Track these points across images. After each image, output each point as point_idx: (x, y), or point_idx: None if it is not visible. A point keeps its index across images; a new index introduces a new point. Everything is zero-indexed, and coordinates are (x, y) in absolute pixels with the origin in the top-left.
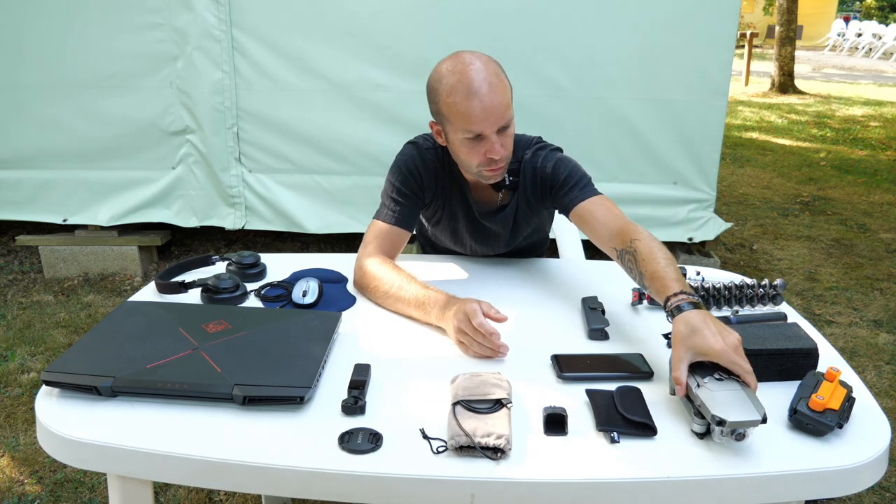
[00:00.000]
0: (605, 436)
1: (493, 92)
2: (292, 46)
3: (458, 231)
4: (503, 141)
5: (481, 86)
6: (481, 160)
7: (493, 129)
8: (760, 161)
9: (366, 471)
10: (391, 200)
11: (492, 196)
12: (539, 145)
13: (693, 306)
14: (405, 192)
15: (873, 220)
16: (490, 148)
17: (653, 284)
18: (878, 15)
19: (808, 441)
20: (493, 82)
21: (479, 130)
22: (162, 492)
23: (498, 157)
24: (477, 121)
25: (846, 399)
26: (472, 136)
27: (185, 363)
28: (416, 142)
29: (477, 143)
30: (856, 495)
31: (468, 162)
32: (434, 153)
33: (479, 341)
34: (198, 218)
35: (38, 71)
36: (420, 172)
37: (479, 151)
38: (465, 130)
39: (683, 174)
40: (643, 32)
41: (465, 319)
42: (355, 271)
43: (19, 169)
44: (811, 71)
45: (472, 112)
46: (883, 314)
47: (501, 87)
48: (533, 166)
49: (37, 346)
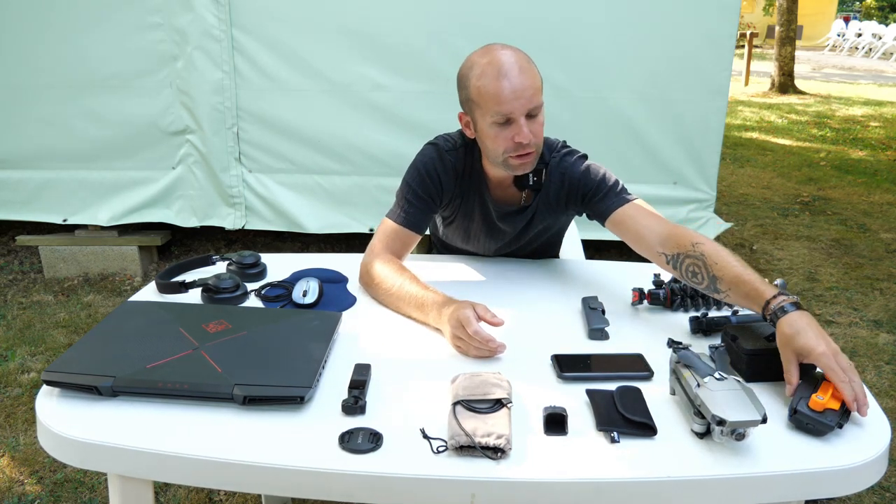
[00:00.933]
0: (605, 436)
1: (524, 74)
2: (292, 46)
3: (469, 230)
4: (532, 127)
5: (511, 68)
6: (508, 145)
7: (521, 111)
8: (760, 161)
9: (366, 471)
10: (405, 201)
11: (514, 196)
12: (567, 150)
13: (796, 307)
14: (420, 195)
15: (873, 220)
16: (518, 132)
17: (738, 289)
18: (878, 15)
19: (808, 441)
20: (524, 66)
21: (507, 111)
22: (162, 492)
23: (526, 141)
24: (506, 101)
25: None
26: (501, 119)
27: (186, 363)
28: (436, 143)
29: (505, 128)
30: (856, 495)
31: (495, 149)
32: (455, 154)
33: (475, 346)
34: (198, 218)
35: (38, 71)
36: (439, 175)
37: (507, 136)
38: (495, 113)
39: (683, 174)
40: (643, 32)
41: (459, 326)
42: (361, 268)
43: (19, 169)
44: (811, 71)
45: (501, 92)
46: (883, 314)
47: (531, 72)
48: (562, 171)
49: (37, 346)
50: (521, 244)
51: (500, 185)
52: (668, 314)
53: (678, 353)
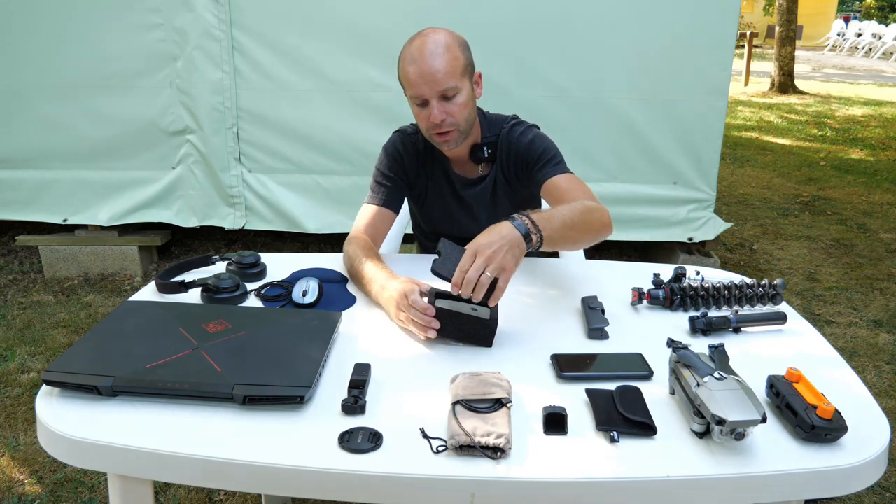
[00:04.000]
0: (605, 435)
1: (434, 59)
2: (292, 46)
3: (446, 208)
4: (446, 108)
5: (423, 53)
6: (427, 125)
7: (431, 94)
8: (760, 161)
9: (366, 470)
10: (376, 184)
11: (472, 169)
12: (515, 121)
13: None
14: (388, 175)
15: (873, 220)
16: (430, 113)
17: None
18: (878, 15)
19: (807, 441)
20: (438, 52)
21: (418, 94)
22: (162, 492)
23: (437, 121)
24: (415, 84)
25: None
26: (417, 100)
27: (186, 363)
28: (401, 129)
29: (423, 109)
30: (856, 495)
31: (422, 128)
32: (416, 137)
33: (412, 317)
34: (198, 218)
35: (38, 71)
36: (402, 155)
37: (425, 116)
38: (410, 96)
39: (683, 174)
40: (643, 33)
41: (403, 297)
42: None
43: (19, 169)
44: (811, 71)
45: (410, 76)
46: (883, 314)
47: (445, 57)
48: (510, 140)
49: (37, 346)
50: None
51: (459, 161)
52: (667, 314)
53: (678, 353)
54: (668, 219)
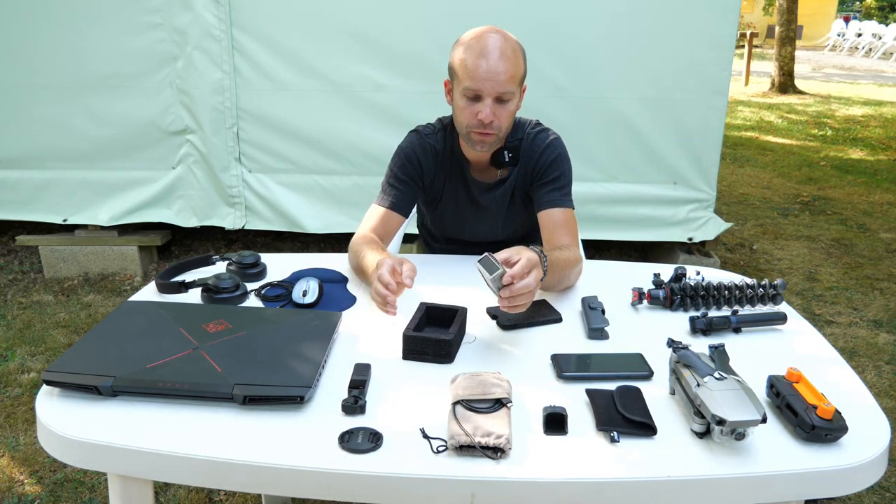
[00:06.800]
0: (605, 436)
1: (503, 60)
2: (292, 46)
3: (458, 210)
4: (498, 111)
5: (493, 52)
6: (472, 121)
7: (491, 92)
8: (760, 161)
9: (366, 470)
10: (388, 185)
11: (491, 173)
12: (540, 128)
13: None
14: (401, 178)
15: (873, 220)
16: (482, 110)
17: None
18: (878, 15)
19: (808, 441)
20: (507, 54)
21: (477, 88)
22: (162, 492)
23: (487, 120)
24: (479, 78)
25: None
26: (470, 93)
27: (186, 363)
28: (417, 129)
29: (473, 104)
30: (856, 495)
31: (461, 120)
32: (434, 137)
33: (378, 291)
34: (198, 218)
35: (38, 71)
36: (419, 158)
37: (472, 111)
38: (467, 87)
39: (683, 174)
40: (643, 32)
41: (374, 271)
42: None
43: (19, 169)
44: (811, 71)
45: (477, 70)
46: (883, 314)
47: (512, 61)
48: (533, 149)
49: (37, 346)
50: (515, 228)
51: (479, 165)
52: (667, 314)
53: (678, 353)
54: (668, 219)
